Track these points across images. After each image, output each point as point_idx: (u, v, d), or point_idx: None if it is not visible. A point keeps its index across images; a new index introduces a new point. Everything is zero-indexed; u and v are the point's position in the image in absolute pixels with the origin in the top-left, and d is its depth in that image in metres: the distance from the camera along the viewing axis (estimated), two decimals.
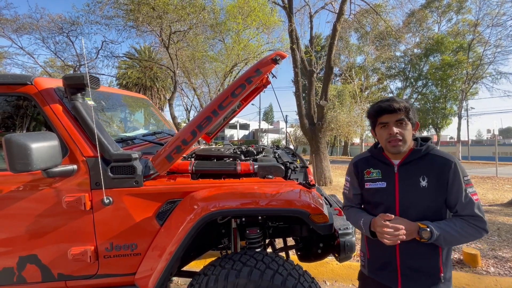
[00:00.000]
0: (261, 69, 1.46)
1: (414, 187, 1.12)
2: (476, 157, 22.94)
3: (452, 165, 1.08)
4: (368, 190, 1.22)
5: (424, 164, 1.13)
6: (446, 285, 1.11)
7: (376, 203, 1.20)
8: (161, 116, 2.99)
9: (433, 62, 21.53)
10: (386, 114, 1.13)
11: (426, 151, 1.14)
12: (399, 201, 1.13)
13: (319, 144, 8.09)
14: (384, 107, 1.13)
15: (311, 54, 8.79)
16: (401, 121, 1.12)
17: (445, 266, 1.11)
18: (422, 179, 1.11)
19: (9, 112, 1.56)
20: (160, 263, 1.37)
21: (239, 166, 1.60)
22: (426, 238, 1.02)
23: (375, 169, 1.22)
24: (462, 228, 1.04)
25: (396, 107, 1.10)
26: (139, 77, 16.56)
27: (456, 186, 1.07)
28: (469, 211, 1.06)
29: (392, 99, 1.14)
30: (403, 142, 1.11)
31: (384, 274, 1.20)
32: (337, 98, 17.05)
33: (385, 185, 1.17)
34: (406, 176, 1.14)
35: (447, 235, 1.03)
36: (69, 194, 1.39)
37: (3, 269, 1.43)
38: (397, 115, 1.11)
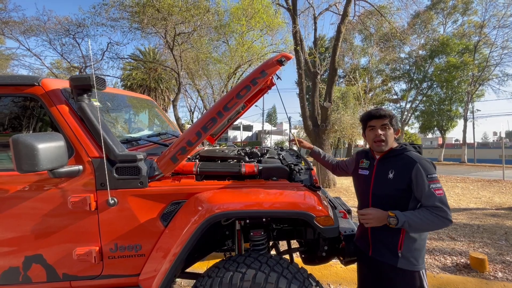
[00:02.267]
0: (266, 70, 1.46)
1: (384, 177, 1.44)
2: (482, 159, 22.64)
3: (415, 165, 1.34)
4: (358, 175, 1.63)
5: (395, 161, 1.44)
6: (405, 261, 1.36)
7: (359, 188, 1.62)
8: (166, 117, 3.01)
9: (438, 64, 21.31)
10: (374, 119, 1.47)
11: (400, 152, 1.45)
12: (372, 187, 1.49)
13: (323, 146, 8.05)
14: (373, 113, 1.47)
15: (315, 55, 8.77)
16: (385, 126, 1.44)
17: (406, 245, 1.36)
18: (390, 172, 1.42)
19: (17, 112, 1.58)
20: (164, 264, 1.37)
21: (244, 168, 1.60)
22: (393, 224, 1.28)
23: (366, 160, 1.60)
24: (425, 216, 1.27)
25: (382, 114, 1.44)
26: (144, 79, 16.69)
27: (420, 183, 1.31)
28: (431, 203, 1.29)
29: (380, 108, 1.48)
30: (385, 142, 1.44)
31: (362, 242, 1.57)
32: (341, 99, 16.97)
33: (367, 173, 1.55)
34: (380, 168, 1.48)
35: (412, 221, 1.26)
36: (75, 195, 1.39)
37: (9, 268, 1.44)
38: (382, 120, 1.45)
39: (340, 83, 25.80)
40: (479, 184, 9.14)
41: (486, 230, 4.12)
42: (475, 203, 6.21)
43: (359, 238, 1.61)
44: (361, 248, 1.57)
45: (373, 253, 1.47)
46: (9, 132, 1.57)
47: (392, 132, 1.45)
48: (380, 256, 1.43)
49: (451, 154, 27.30)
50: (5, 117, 1.57)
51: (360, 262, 1.63)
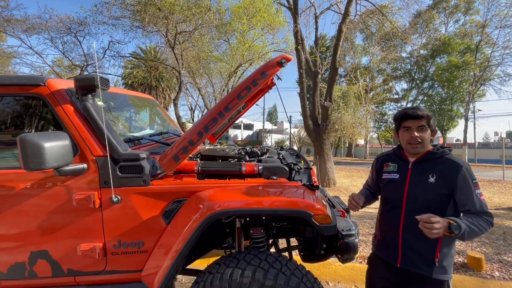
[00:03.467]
0: (266, 72, 1.48)
1: (423, 181, 1.30)
2: (483, 160, 22.63)
3: (461, 169, 1.25)
4: (383, 180, 1.46)
5: (436, 164, 1.31)
6: (441, 271, 1.26)
7: (388, 192, 1.44)
8: (167, 116, 3.04)
9: (440, 64, 21.28)
10: (410, 119, 1.33)
11: (441, 155, 1.33)
12: (407, 192, 1.33)
13: (323, 145, 8.08)
14: (409, 113, 1.33)
15: (316, 55, 8.78)
16: (422, 127, 1.32)
17: (442, 254, 1.26)
18: (431, 176, 1.29)
19: (22, 111, 1.61)
20: (166, 261, 1.40)
21: (244, 167, 1.63)
22: (456, 232, 1.14)
23: (393, 163, 1.45)
24: (479, 223, 1.19)
25: (420, 114, 1.31)
26: (145, 77, 16.74)
27: (466, 188, 1.23)
28: (481, 209, 1.23)
29: (417, 108, 1.35)
30: (421, 145, 1.31)
31: (387, 252, 1.40)
32: (342, 99, 16.96)
33: (397, 177, 1.39)
34: (418, 172, 1.34)
35: (469, 229, 1.16)
36: (79, 192, 1.43)
37: (15, 263, 1.48)
38: (419, 121, 1.31)
39: (341, 82, 25.78)
40: (479, 184, 9.14)
41: None
42: None
43: (381, 248, 1.46)
44: (384, 258, 1.42)
45: (403, 264, 1.33)
46: (12, 131, 1.61)
47: (429, 134, 1.33)
48: (413, 266, 1.30)
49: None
50: (11, 116, 1.60)
51: (380, 274, 1.45)
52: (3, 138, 1.61)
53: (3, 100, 1.56)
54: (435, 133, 1.38)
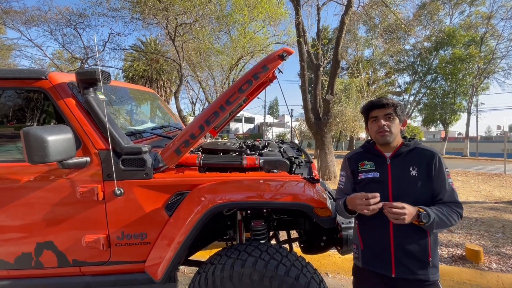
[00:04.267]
0: (267, 65, 1.48)
1: (406, 176, 1.24)
2: (484, 153, 22.56)
3: (437, 158, 1.23)
4: (362, 181, 1.32)
5: (413, 156, 1.27)
6: (434, 270, 1.21)
7: (368, 191, 1.22)
8: (168, 109, 3.04)
9: (443, 56, 21.00)
10: (376, 109, 1.29)
11: (414, 145, 1.29)
12: (392, 189, 1.24)
13: (324, 138, 8.07)
14: (374, 102, 1.30)
15: (318, 47, 8.69)
16: (389, 115, 1.27)
17: (433, 252, 1.22)
18: (412, 168, 1.24)
19: (25, 105, 1.62)
20: (169, 252, 1.43)
21: (245, 160, 1.64)
22: (425, 221, 1.11)
23: (369, 161, 1.33)
24: (448, 213, 1.16)
25: (385, 102, 1.27)
26: (145, 70, 16.63)
27: (441, 176, 1.22)
28: (452, 198, 1.21)
29: (382, 97, 1.32)
30: (390, 133, 1.25)
31: (377, 263, 1.27)
32: (344, 92, 16.86)
33: (378, 175, 1.28)
34: (398, 166, 1.27)
35: (439, 219, 1.14)
36: (83, 185, 1.45)
37: (22, 254, 1.51)
38: (385, 110, 1.27)
39: (343, 75, 25.55)
40: (480, 178, 9.17)
41: (484, 223, 4.18)
42: (474, 197, 6.26)
43: (369, 259, 1.29)
44: (374, 270, 1.27)
45: (398, 273, 1.20)
46: (15, 124, 1.62)
47: (397, 123, 1.28)
48: (409, 273, 1.20)
49: (453, 147, 27.18)
50: (14, 109, 1.62)
51: (371, 286, 1.30)
52: (7, 131, 1.63)
53: (6, 94, 1.57)
54: (405, 123, 1.33)
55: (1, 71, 1.47)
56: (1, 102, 1.59)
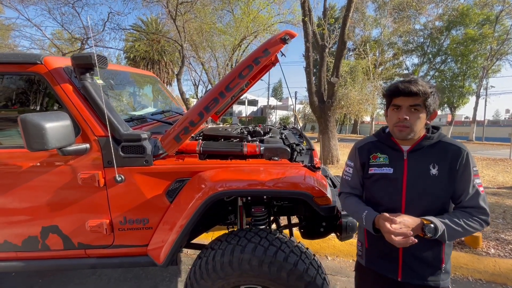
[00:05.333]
0: (269, 49, 1.42)
1: (424, 175, 1.07)
2: (491, 138, 22.26)
3: (464, 154, 1.04)
4: (372, 176, 1.15)
5: (435, 152, 1.08)
6: (446, 276, 1.10)
7: (380, 191, 1.14)
8: (169, 93, 3.00)
9: (455, 36, 20.14)
10: (401, 96, 1.05)
11: (438, 139, 1.09)
12: (407, 189, 1.08)
13: (328, 122, 7.98)
14: (401, 88, 1.04)
15: (323, 27, 8.35)
16: (415, 107, 1.04)
17: (447, 257, 1.10)
18: (432, 166, 1.06)
19: (22, 90, 1.60)
20: (171, 235, 1.46)
21: (246, 148, 1.63)
22: (430, 234, 0.97)
23: (383, 154, 1.15)
24: (466, 222, 1.00)
25: (414, 91, 1.01)
26: (147, 51, 16.28)
27: (466, 175, 1.04)
28: (475, 202, 1.03)
29: (414, 81, 1.04)
30: (409, 130, 1.06)
31: (383, 264, 1.16)
32: (349, 74, 16.43)
33: (391, 171, 1.11)
34: (415, 163, 1.09)
35: (451, 230, 0.99)
36: (84, 171, 1.46)
37: (29, 237, 1.56)
38: (413, 100, 1.03)
39: (349, 56, 24.78)
40: (485, 162, 9.10)
41: None
42: None
43: (374, 259, 1.19)
44: (379, 272, 1.17)
45: (405, 277, 1.11)
46: (17, 108, 1.61)
47: (423, 117, 1.05)
48: (418, 278, 1.09)
49: (459, 131, 26.76)
50: (11, 94, 1.59)
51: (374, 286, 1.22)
52: (9, 115, 1.62)
53: (3, 78, 1.54)
54: (435, 115, 1.10)
55: None
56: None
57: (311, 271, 1.34)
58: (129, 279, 2.41)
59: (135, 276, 2.46)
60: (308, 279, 1.33)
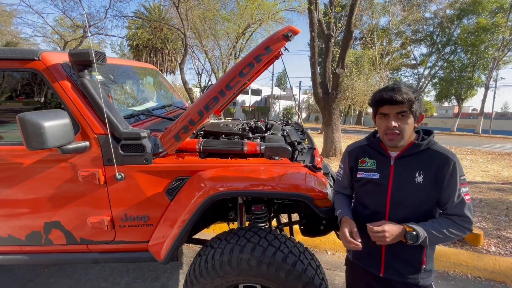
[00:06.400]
0: (271, 46, 1.37)
1: (409, 182, 1.10)
2: (498, 131, 21.91)
3: (451, 164, 1.06)
4: (359, 180, 1.21)
5: (422, 159, 1.10)
6: (427, 275, 1.15)
7: (366, 195, 1.20)
8: (170, 85, 2.96)
9: (466, 25, 19.47)
10: (387, 104, 1.08)
11: (426, 146, 1.11)
12: (391, 194, 1.12)
13: (332, 114, 7.89)
14: (385, 97, 1.06)
15: (330, 16, 8.11)
16: (403, 114, 1.06)
17: (428, 258, 1.14)
18: (418, 174, 1.09)
19: (19, 86, 1.58)
20: (173, 230, 1.46)
21: (246, 146, 1.61)
22: (411, 241, 1.02)
23: (371, 159, 1.20)
24: (447, 229, 1.04)
25: (399, 99, 1.04)
26: (149, 39, 16.07)
27: (452, 185, 1.06)
28: (459, 211, 1.06)
29: (397, 89, 1.06)
30: (400, 137, 1.08)
31: (367, 261, 1.23)
32: (355, 64, 16.10)
33: (378, 177, 1.16)
34: (402, 169, 1.12)
35: (432, 236, 1.03)
36: (84, 169, 1.46)
37: (32, 232, 1.59)
38: (398, 107, 1.06)
39: (355, 45, 24.21)
40: (490, 157, 8.98)
41: (488, 204, 4.16)
42: (481, 177, 6.19)
43: (359, 256, 1.26)
44: (364, 267, 1.24)
45: (386, 273, 1.18)
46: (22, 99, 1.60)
47: (411, 122, 1.08)
48: (397, 275, 1.15)
49: (465, 124, 26.25)
50: (10, 89, 1.58)
51: (360, 280, 1.29)
52: (8, 112, 1.61)
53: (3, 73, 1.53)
54: (422, 118, 1.12)
55: None
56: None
57: (309, 272, 1.35)
58: (131, 271, 2.47)
59: (137, 267, 2.51)
60: (306, 279, 1.34)
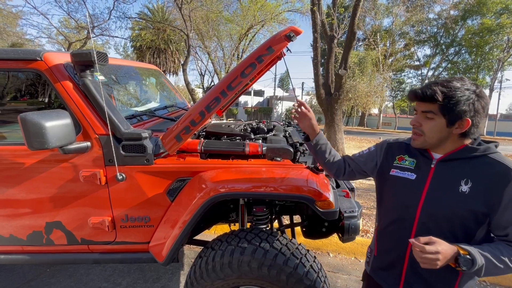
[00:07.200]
0: (273, 46, 1.36)
1: (450, 189, 0.91)
2: (503, 133, 21.67)
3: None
4: (391, 178, 1.05)
5: (474, 167, 0.90)
6: None
7: (395, 197, 1.04)
8: (172, 86, 2.97)
9: (471, 26, 19.34)
10: (416, 100, 0.94)
11: (482, 152, 0.90)
12: (424, 201, 0.95)
13: (335, 115, 7.85)
14: (416, 92, 0.92)
15: (333, 17, 8.09)
16: (427, 113, 0.91)
17: (463, 283, 0.94)
18: (464, 182, 0.89)
19: (22, 86, 1.59)
20: (174, 231, 1.46)
21: (248, 148, 1.60)
22: (465, 267, 0.78)
23: (411, 157, 1.03)
24: (510, 258, 0.82)
25: (427, 94, 0.87)
26: (153, 40, 16.15)
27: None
28: None
29: (431, 84, 0.89)
30: (423, 139, 0.94)
31: (385, 276, 1.08)
32: (358, 65, 16.03)
33: (414, 177, 0.99)
34: (444, 174, 0.94)
35: (491, 265, 0.80)
36: (85, 169, 1.46)
37: (33, 232, 1.59)
38: (425, 105, 0.90)
39: (358, 46, 24.12)
40: None
41: None
42: None
43: (377, 269, 1.11)
44: (380, 283, 1.09)
45: None
46: (25, 99, 1.61)
47: (440, 125, 0.89)
48: None
49: None
50: (13, 89, 1.59)
51: None
52: (10, 111, 1.62)
53: (5, 74, 1.53)
54: (467, 124, 0.87)
55: None
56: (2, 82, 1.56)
57: (311, 275, 1.33)
58: (133, 271, 2.46)
59: (138, 268, 2.51)
60: (308, 282, 1.32)
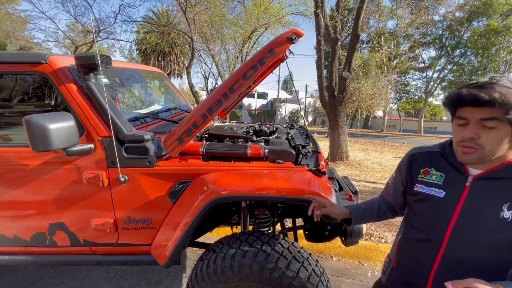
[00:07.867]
0: (275, 49, 1.36)
1: (489, 213, 0.78)
2: None
3: None
4: (417, 194, 0.92)
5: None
6: None
7: (421, 216, 0.92)
8: (176, 89, 2.99)
9: (477, 28, 19.17)
10: (467, 106, 0.75)
11: None
12: (455, 224, 0.82)
13: (338, 118, 7.82)
14: (465, 96, 0.74)
15: (336, 20, 8.09)
16: (490, 122, 0.72)
17: None
18: (507, 207, 0.76)
19: (27, 89, 1.61)
20: (176, 233, 1.46)
21: (250, 150, 1.60)
22: None
23: (438, 171, 0.89)
24: None
25: (486, 99, 0.70)
26: (157, 43, 16.36)
27: None
28: None
29: (489, 84, 0.72)
30: (479, 153, 0.76)
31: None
32: (362, 68, 15.98)
33: (442, 195, 0.85)
34: (482, 194, 0.80)
35: None
36: (88, 171, 1.47)
37: (37, 233, 1.60)
38: (484, 112, 0.72)
39: (362, 48, 24.07)
40: None
41: None
42: None
43: (396, 283, 1.02)
44: None
45: None
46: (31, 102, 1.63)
47: (505, 134, 0.73)
48: None
49: None
50: (18, 92, 1.61)
51: None
52: (15, 114, 1.64)
53: (9, 77, 1.56)
54: None
55: (0, 55, 1.44)
56: (5, 85, 1.58)
57: (313, 279, 1.32)
58: (135, 273, 2.47)
59: (141, 270, 2.51)
60: (310, 286, 1.30)
